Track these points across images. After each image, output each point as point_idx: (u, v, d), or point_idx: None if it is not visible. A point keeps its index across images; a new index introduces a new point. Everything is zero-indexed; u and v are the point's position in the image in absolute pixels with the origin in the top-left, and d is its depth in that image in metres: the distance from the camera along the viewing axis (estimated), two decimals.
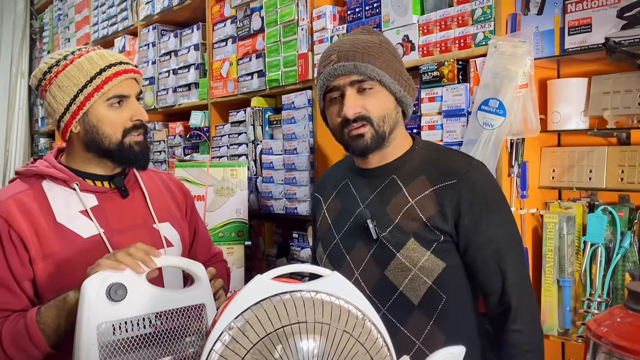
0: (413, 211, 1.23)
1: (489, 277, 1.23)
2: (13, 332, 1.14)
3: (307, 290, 0.83)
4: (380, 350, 0.83)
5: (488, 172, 1.29)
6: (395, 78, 1.24)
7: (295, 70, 2.29)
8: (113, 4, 3.76)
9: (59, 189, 1.29)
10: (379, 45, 1.25)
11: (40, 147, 5.23)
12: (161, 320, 1.05)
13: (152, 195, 1.41)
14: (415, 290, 1.22)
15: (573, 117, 1.65)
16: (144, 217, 1.37)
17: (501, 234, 1.23)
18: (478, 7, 1.70)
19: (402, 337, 1.22)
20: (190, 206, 1.53)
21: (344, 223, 1.34)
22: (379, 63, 1.22)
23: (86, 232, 1.27)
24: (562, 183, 1.70)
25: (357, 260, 1.29)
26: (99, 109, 1.28)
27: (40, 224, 1.23)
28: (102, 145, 1.29)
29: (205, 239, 1.57)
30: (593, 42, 1.50)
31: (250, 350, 0.77)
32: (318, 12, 2.18)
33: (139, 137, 1.32)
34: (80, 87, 1.26)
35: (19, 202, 1.24)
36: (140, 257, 1.07)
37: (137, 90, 1.33)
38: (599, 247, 1.56)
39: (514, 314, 1.21)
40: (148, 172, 1.47)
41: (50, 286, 1.21)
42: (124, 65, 1.30)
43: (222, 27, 2.74)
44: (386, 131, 1.25)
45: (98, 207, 1.30)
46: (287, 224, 2.56)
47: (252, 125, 2.53)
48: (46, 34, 5.12)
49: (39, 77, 1.31)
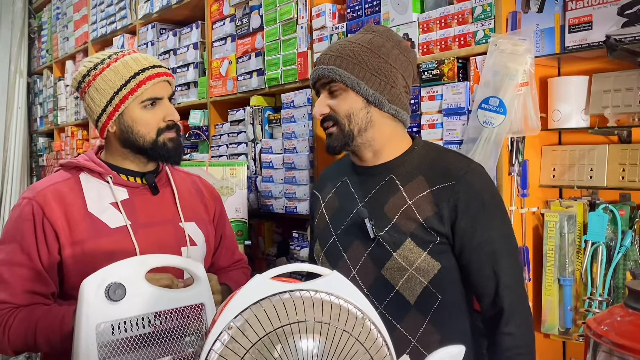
0: (410, 211, 1.25)
1: (483, 280, 1.24)
2: (48, 324, 1.24)
3: (306, 289, 0.82)
4: (380, 349, 0.83)
5: (486, 174, 1.30)
6: (365, 78, 1.26)
7: (294, 69, 2.28)
8: (112, 2, 3.75)
9: (94, 181, 1.38)
10: (359, 46, 1.27)
11: (39, 146, 5.22)
12: (160, 320, 1.05)
13: (181, 194, 1.48)
14: (411, 290, 1.24)
15: (574, 115, 1.65)
16: (171, 215, 1.44)
17: (496, 237, 1.24)
18: (478, 5, 1.69)
19: (398, 335, 1.24)
20: (219, 211, 1.60)
21: (341, 221, 1.35)
22: (347, 65, 1.26)
23: (114, 223, 1.35)
24: (563, 182, 1.70)
25: (354, 259, 1.30)
26: (133, 111, 1.36)
27: (72, 213, 1.33)
28: (136, 144, 1.38)
29: (231, 244, 1.64)
30: (594, 40, 1.49)
31: (249, 350, 0.76)
32: (317, 10, 2.17)
33: (172, 134, 1.40)
34: (115, 89, 1.35)
35: (56, 191, 1.34)
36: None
37: (170, 92, 1.42)
38: (600, 245, 1.56)
39: (506, 317, 1.22)
40: (181, 173, 1.56)
41: (75, 271, 1.30)
42: (157, 68, 1.38)
43: (221, 25, 2.73)
44: (353, 130, 1.28)
45: (128, 201, 1.39)
46: (287, 223, 2.56)
47: (251, 124, 2.53)
48: (45, 33, 5.11)
49: (79, 79, 1.40)
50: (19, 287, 1.28)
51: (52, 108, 4.89)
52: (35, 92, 5.37)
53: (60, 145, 4.69)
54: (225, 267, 1.61)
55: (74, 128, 4.42)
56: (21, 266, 1.29)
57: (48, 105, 5.00)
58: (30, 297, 1.29)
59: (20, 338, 1.25)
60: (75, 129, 4.41)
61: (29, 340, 1.25)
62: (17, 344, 1.27)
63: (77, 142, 4.33)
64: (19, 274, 1.28)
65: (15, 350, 1.29)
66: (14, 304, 1.27)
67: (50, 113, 4.92)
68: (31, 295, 1.29)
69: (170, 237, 1.41)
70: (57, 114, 4.74)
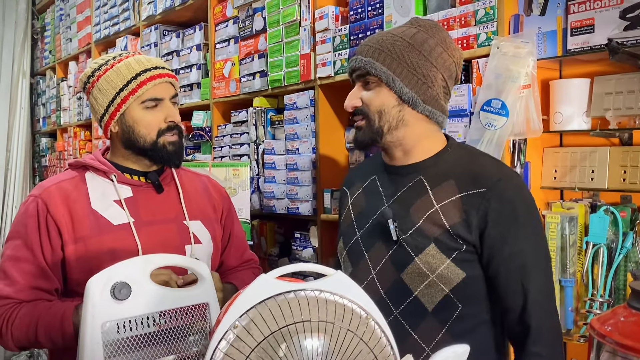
0: (436, 216, 1.19)
1: (511, 294, 1.17)
2: (49, 320, 1.25)
3: (311, 289, 0.83)
4: (384, 349, 0.84)
5: (521, 182, 1.25)
6: (402, 75, 1.20)
7: (297, 71, 2.29)
8: (115, 4, 3.76)
9: (99, 180, 1.40)
10: (400, 40, 1.21)
11: (42, 146, 5.23)
12: (165, 319, 1.05)
13: (186, 193, 1.49)
14: (431, 297, 1.19)
15: (575, 117, 1.65)
16: (175, 213, 1.45)
17: (528, 249, 1.17)
18: (481, 8, 1.70)
19: (412, 342, 1.20)
20: (227, 210, 1.61)
21: (366, 220, 1.31)
22: (384, 59, 1.20)
23: (117, 220, 1.37)
24: (564, 183, 1.70)
25: (374, 260, 1.26)
26: (134, 111, 1.38)
27: (76, 210, 1.35)
28: (137, 144, 1.39)
29: (240, 244, 1.65)
30: (596, 43, 1.50)
31: (255, 349, 0.77)
32: (320, 13, 2.18)
33: (173, 137, 1.41)
34: (117, 90, 1.37)
35: (61, 188, 1.37)
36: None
37: (172, 93, 1.43)
38: (601, 247, 1.56)
39: (534, 336, 1.15)
40: (188, 173, 1.57)
41: (78, 267, 1.32)
42: (159, 69, 1.40)
43: (224, 27, 2.74)
44: (383, 127, 1.23)
45: (132, 199, 1.40)
46: (289, 224, 2.57)
47: (254, 125, 2.54)
48: (48, 34, 5.13)
49: (84, 80, 1.43)
50: (22, 283, 1.29)
51: (55, 109, 4.90)
52: (38, 93, 5.39)
53: (63, 145, 4.70)
54: (235, 267, 1.62)
55: (76, 129, 4.43)
56: (25, 262, 1.30)
57: (51, 106, 5.01)
58: (33, 292, 1.30)
59: (22, 334, 1.26)
60: (78, 129, 4.42)
61: (30, 336, 1.26)
62: (20, 340, 1.28)
63: (79, 142, 4.34)
64: (23, 270, 1.30)
65: (19, 346, 1.30)
66: (18, 300, 1.29)
67: (53, 114, 4.94)
68: (35, 291, 1.30)
69: (174, 235, 1.42)
70: (60, 115, 4.75)
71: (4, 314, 1.28)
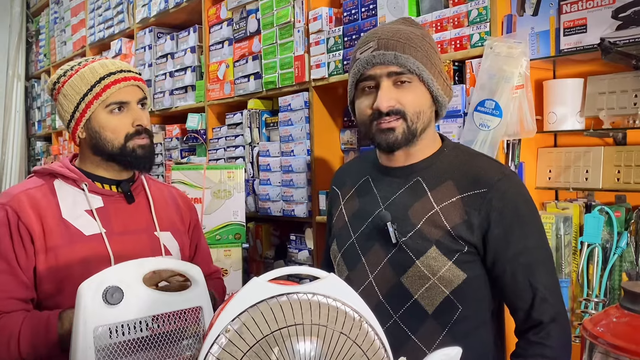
0: (437, 218, 1.17)
1: (518, 292, 1.16)
2: (32, 328, 1.20)
3: (303, 292, 0.83)
4: (377, 351, 0.83)
5: (520, 181, 1.23)
6: (434, 75, 1.18)
7: (291, 72, 2.29)
8: (109, 6, 3.76)
9: (69, 188, 1.36)
10: (421, 39, 1.18)
11: (37, 150, 5.22)
12: (158, 324, 1.04)
13: (157, 204, 1.47)
14: (431, 299, 1.17)
15: (569, 117, 1.66)
16: (146, 223, 1.43)
17: (532, 247, 1.16)
18: (474, 8, 1.70)
19: (412, 345, 1.18)
20: (194, 223, 1.58)
21: (361, 222, 1.28)
22: (420, 56, 1.16)
23: (88, 230, 1.33)
24: (559, 183, 1.70)
25: (372, 264, 1.23)
26: (100, 116, 1.35)
27: (47, 218, 1.30)
28: (105, 150, 1.36)
29: (206, 256, 1.62)
30: (588, 43, 1.50)
31: (247, 353, 0.77)
32: (314, 14, 2.18)
33: (143, 140, 1.37)
34: (82, 95, 1.34)
35: (30, 196, 1.32)
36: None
37: (139, 97, 1.39)
38: (596, 247, 1.56)
39: (545, 331, 1.14)
40: (158, 184, 1.54)
41: (48, 277, 1.28)
42: (124, 73, 1.36)
43: (218, 29, 2.74)
44: (418, 128, 1.19)
45: (103, 209, 1.37)
46: (285, 226, 2.56)
47: (248, 128, 2.53)
48: (42, 37, 5.11)
49: (51, 87, 1.40)
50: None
51: (50, 112, 4.89)
52: (33, 96, 5.37)
53: (58, 149, 4.69)
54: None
55: None
56: (1, 273, 1.25)
57: (46, 109, 5.00)
58: (11, 303, 1.24)
59: (3, 347, 1.20)
60: None
61: (12, 349, 1.20)
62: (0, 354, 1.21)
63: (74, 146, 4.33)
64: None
65: None
66: None
67: (48, 117, 4.92)
68: (12, 301, 1.25)
69: (145, 245, 1.39)
70: (55, 118, 4.74)
71: None
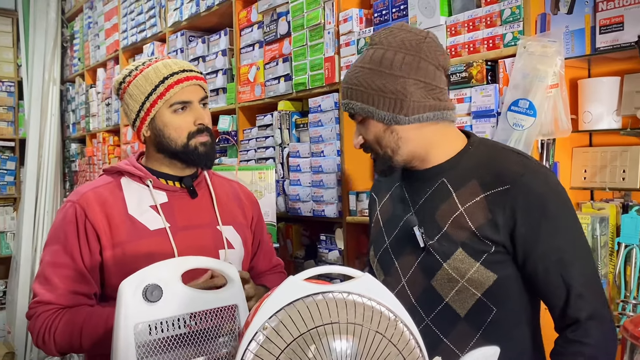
0: (462, 219, 1.17)
1: (552, 289, 1.14)
2: (93, 324, 1.28)
3: (338, 291, 0.84)
4: (412, 351, 0.84)
5: (550, 175, 1.20)
6: (374, 103, 1.19)
7: (322, 74, 2.30)
8: (142, 11, 3.83)
9: (135, 185, 1.42)
10: (362, 70, 1.20)
11: (72, 152, 5.34)
12: (195, 321, 1.07)
13: (219, 199, 1.51)
14: (462, 302, 1.17)
15: (605, 116, 1.63)
16: (209, 218, 1.47)
17: (563, 243, 1.13)
18: (507, 8, 1.68)
19: (444, 348, 1.17)
20: (257, 217, 1.62)
21: (394, 227, 1.30)
22: (356, 95, 1.21)
23: (153, 225, 1.38)
24: (595, 184, 1.67)
25: (404, 268, 1.25)
26: (164, 115, 1.40)
27: (113, 215, 1.36)
28: (169, 148, 1.41)
29: (269, 249, 1.67)
30: (625, 41, 1.48)
31: (284, 350, 0.78)
32: (344, 16, 2.19)
33: (204, 137, 1.42)
34: (146, 94, 1.39)
35: (98, 194, 1.39)
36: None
37: (201, 96, 1.44)
38: (634, 248, 1.53)
39: (582, 329, 1.11)
40: (220, 178, 1.59)
41: (115, 272, 1.34)
42: (187, 72, 1.40)
43: (249, 32, 2.77)
44: (387, 152, 1.22)
45: (167, 204, 1.42)
46: (315, 226, 2.57)
47: (279, 129, 2.56)
48: (77, 42, 5.24)
49: (117, 87, 1.46)
50: (63, 288, 1.32)
51: (84, 115, 5.00)
52: (67, 100, 5.50)
53: (92, 151, 4.79)
54: (265, 271, 1.64)
55: (105, 134, 4.52)
56: (65, 267, 1.33)
57: (80, 112, 5.12)
58: (74, 297, 1.33)
59: (65, 339, 1.29)
60: (106, 135, 4.50)
61: (74, 342, 1.29)
62: (62, 346, 1.30)
63: (108, 147, 4.42)
64: (63, 275, 1.33)
65: (60, 352, 1.32)
66: (59, 305, 1.32)
67: (83, 120, 5.04)
68: (75, 296, 1.33)
69: (209, 239, 1.44)
70: (89, 121, 4.85)
71: (46, 320, 1.30)
